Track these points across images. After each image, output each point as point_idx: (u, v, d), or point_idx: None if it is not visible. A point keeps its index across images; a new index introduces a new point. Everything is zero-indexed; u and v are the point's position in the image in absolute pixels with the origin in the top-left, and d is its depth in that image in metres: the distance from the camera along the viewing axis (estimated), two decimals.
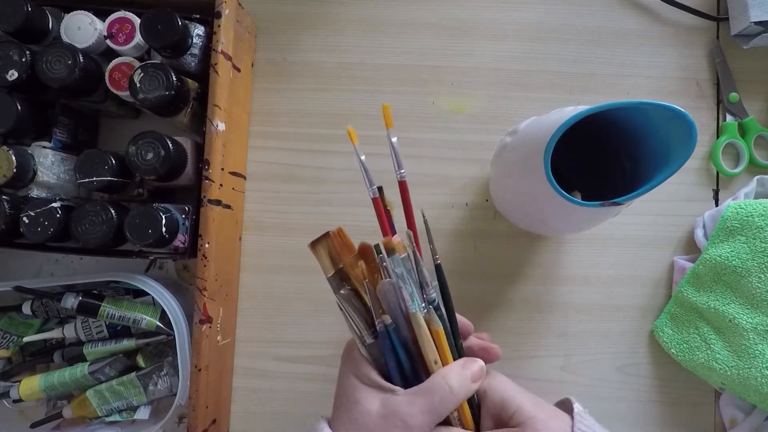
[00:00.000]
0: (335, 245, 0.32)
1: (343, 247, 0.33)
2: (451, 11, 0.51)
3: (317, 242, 0.33)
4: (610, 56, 0.51)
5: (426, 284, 0.32)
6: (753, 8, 0.46)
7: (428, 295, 0.32)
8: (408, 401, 0.30)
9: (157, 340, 0.46)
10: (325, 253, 0.33)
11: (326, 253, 0.33)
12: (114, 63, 0.43)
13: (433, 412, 0.30)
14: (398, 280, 0.31)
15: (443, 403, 0.30)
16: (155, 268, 0.51)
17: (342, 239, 0.33)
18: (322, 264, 0.32)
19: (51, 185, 0.44)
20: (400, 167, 0.32)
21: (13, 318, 0.48)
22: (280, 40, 0.52)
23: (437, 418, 0.30)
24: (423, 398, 0.30)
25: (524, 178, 0.36)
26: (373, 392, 0.31)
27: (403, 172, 0.32)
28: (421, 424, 0.29)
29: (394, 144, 0.32)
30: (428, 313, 0.32)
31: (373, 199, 0.31)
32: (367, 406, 0.30)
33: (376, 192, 0.31)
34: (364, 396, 0.31)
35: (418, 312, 0.31)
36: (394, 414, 0.29)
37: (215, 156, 0.43)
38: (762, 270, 0.42)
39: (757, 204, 0.44)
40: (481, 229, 0.50)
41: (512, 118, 0.50)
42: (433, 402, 0.30)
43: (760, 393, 0.42)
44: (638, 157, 0.36)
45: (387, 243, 0.31)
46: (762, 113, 0.50)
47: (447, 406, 0.30)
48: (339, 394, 0.33)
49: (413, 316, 0.31)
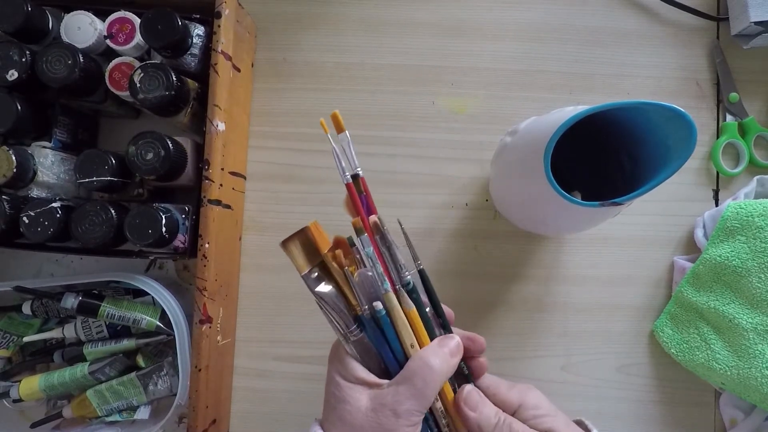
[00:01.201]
0: (314, 238, 0.32)
1: (321, 241, 0.32)
2: (451, 11, 0.51)
3: (290, 240, 0.31)
4: (610, 56, 0.51)
5: (399, 266, 0.31)
6: (753, 8, 0.46)
7: (403, 278, 0.32)
8: (393, 391, 0.30)
9: (157, 340, 0.46)
10: (299, 251, 0.31)
11: (300, 251, 0.31)
12: (114, 63, 0.43)
13: (419, 396, 0.30)
14: (368, 259, 0.30)
15: (427, 384, 0.30)
16: (155, 268, 0.51)
17: (319, 233, 0.32)
18: (296, 262, 0.31)
19: (51, 185, 0.44)
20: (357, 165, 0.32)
21: (13, 318, 0.48)
22: (280, 40, 0.52)
23: (425, 400, 0.30)
24: (406, 384, 0.30)
25: (524, 178, 0.36)
26: (360, 389, 0.31)
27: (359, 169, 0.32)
28: (409, 409, 0.29)
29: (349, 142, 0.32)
30: (400, 295, 0.31)
31: (346, 185, 0.31)
32: (355, 404, 0.30)
33: (349, 178, 0.31)
34: (351, 394, 0.31)
35: (391, 292, 0.31)
36: (383, 406, 0.29)
37: (215, 156, 0.43)
38: (762, 270, 0.42)
39: (757, 204, 0.44)
40: (481, 229, 0.50)
41: (512, 118, 0.50)
42: (417, 385, 0.30)
43: (760, 393, 0.42)
44: (638, 157, 0.36)
45: (356, 223, 0.31)
46: (762, 113, 0.50)
47: (432, 386, 0.30)
48: (327, 395, 0.33)
49: (385, 296, 0.31)
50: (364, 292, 0.31)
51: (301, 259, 0.31)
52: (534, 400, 0.33)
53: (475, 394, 0.32)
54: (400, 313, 0.31)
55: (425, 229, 0.50)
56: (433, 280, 0.34)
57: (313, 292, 0.31)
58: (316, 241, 0.32)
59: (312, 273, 0.32)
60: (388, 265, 0.31)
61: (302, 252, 0.31)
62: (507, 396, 0.33)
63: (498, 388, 0.34)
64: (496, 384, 0.34)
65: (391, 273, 0.31)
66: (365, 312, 0.31)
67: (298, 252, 0.31)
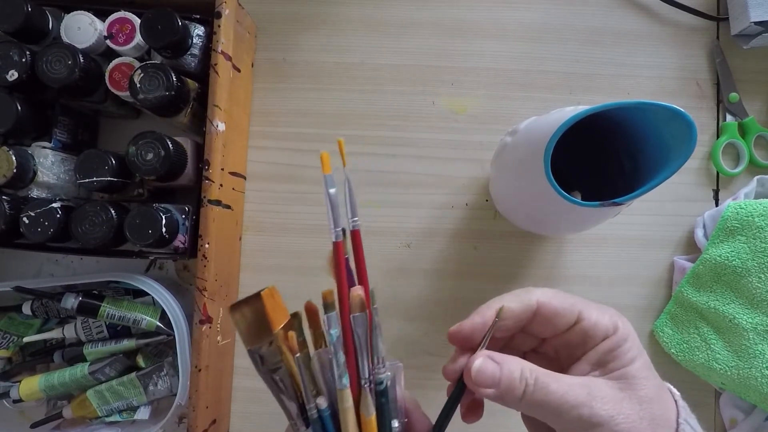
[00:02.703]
0: (267, 309, 0.25)
1: (276, 311, 0.26)
2: (451, 11, 0.51)
3: (240, 306, 0.26)
4: (610, 56, 0.51)
5: (378, 358, 0.26)
6: (753, 8, 0.46)
7: (375, 373, 0.26)
8: None
9: (157, 340, 0.46)
10: (247, 321, 0.26)
11: (251, 321, 0.26)
12: (114, 63, 0.43)
13: None
14: (333, 345, 0.25)
15: None
16: (155, 268, 0.51)
17: (274, 302, 0.26)
18: (242, 335, 0.26)
19: (51, 185, 0.44)
20: (354, 215, 0.27)
21: (13, 318, 0.48)
22: (280, 40, 0.52)
23: None
24: None
25: (524, 178, 0.36)
26: None
27: (356, 220, 0.27)
28: None
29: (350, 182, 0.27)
30: (362, 395, 0.25)
31: (334, 243, 0.26)
32: None
33: (340, 234, 0.26)
34: None
35: (347, 390, 0.25)
36: None
37: (215, 156, 0.43)
38: (762, 270, 0.42)
39: (757, 204, 0.44)
40: (481, 229, 0.50)
41: (512, 118, 0.50)
42: None
43: (760, 393, 0.42)
44: (638, 157, 0.36)
45: (326, 296, 0.26)
46: (762, 113, 0.50)
47: None
48: None
49: (339, 393, 0.25)
50: (323, 378, 0.26)
51: (250, 330, 0.26)
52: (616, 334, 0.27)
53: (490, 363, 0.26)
54: (350, 419, 0.25)
55: (425, 229, 0.50)
56: (434, 279, 0.34)
57: (259, 371, 0.26)
58: (269, 315, 0.26)
59: (261, 347, 0.26)
60: (359, 354, 0.26)
61: (254, 321, 0.26)
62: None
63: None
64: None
65: (361, 365, 0.26)
66: (310, 409, 0.26)
67: (247, 322, 0.26)
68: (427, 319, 0.49)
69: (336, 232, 0.26)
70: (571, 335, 0.28)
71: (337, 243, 0.26)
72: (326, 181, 0.26)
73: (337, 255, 0.26)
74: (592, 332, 0.27)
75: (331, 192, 0.26)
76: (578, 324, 0.27)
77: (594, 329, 0.27)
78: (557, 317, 0.27)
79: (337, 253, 0.26)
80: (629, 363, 0.26)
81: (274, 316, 0.26)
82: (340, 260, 0.26)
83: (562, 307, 0.27)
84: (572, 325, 0.28)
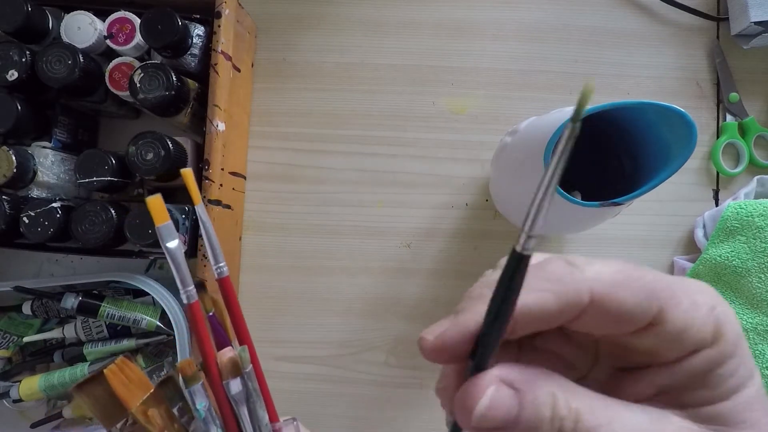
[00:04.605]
0: (116, 385, 0.22)
1: (130, 386, 0.23)
2: (451, 11, 0.51)
3: (85, 386, 0.22)
4: (610, 56, 0.51)
5: (260, 427, 0.23)
6: (753, 8, 0.46)
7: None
8: None
9: (157, 340, 0.46)
10: (98, 401, 0.23)
11: (102, 399, 0.23)
12: (114, 63, 0.43)
13: None
14: (201, 421, 0.22)
15: None
16: (155, 268, 0.51)
17: (122, 379, 0.23)
18: (98, 415, 0.23)
19: (51, 185, 0.44)
20: (217, 260, 0.24)
21: (13, 318, 0.48)
22: (280, 40, 0.52)
23: None
24: None
25: (524, 178, 0.36)
26: None
27: (222, 265, 0.24)
28: None
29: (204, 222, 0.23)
30: None
31: (188, 306, 0.22)
32: None
33: (192, 295, 0.22)
34: None
35: None
36: None
37: (215, 156, 0.43)
38: (762, 270, 0.42)
39: (757, 204, 0.44)
40: (481, 229, 0.50)
41: (512, 118, 0.50)
42: None
43: None
44: (638, 157, 0.36)
45: (184, 368, 0.22)
46: (762, 113, 0.50)
47: None
48: None
49: None
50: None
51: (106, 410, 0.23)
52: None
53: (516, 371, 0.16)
54: None
55: (425, 229, 0.50)
56: (434, 279, 0.34)
57: None
58: (118, 393, 0.22)
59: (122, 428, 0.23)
60: (242, 425, 0.23)
61: (109, 399, 0.22)
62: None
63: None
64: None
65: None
66: None
67: (98, 401, 0.23)
68: (427, 319, 0.49)
69: (187, 292, 0.21)
70: (641, 340, 0.17)
71: (191, 305, 0.22)
72: (160, 234, 0.21)
73: (195, 318, 0.22)
74: (677, 340, 0.16)
75: (169, 246, 0.21)
76: (655, 327, 0.16)
77: (680, 337, 0.16)
78: (623, 318, 0.16)
79: (195, 317, 0.22)
80: (730, 395, 0.16)
81: (124, 392, 0.22)
82: (199, 323, 0.22)
83: (633, 303, 0.16)
84: (644, 326, 0.16)
